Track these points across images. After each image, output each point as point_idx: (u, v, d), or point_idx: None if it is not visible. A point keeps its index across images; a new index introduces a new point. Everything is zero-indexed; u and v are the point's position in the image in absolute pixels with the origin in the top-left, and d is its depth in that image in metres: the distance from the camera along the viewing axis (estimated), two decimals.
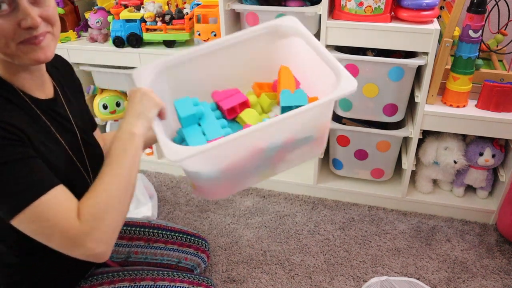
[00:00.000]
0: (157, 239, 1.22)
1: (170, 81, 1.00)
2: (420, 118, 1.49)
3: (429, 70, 1.40)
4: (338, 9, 1.44)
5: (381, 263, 1.47)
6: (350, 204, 1.75)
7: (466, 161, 1.57)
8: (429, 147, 1.59)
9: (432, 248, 1.53)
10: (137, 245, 1.19)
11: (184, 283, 1.07)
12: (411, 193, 1.71)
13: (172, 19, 1.63)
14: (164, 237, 1.23)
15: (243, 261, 1.48)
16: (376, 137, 1.61)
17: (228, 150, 0.87)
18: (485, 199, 1.67)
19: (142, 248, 1.19)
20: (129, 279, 1.02)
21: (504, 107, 1.44)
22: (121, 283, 1.01)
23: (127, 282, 1.02)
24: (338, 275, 1.43)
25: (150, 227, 1.23)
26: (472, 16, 1.36)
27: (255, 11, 1.51)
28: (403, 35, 1.37)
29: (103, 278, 1.02)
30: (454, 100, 1.48)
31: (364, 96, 1.52)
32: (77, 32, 1.85)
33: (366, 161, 1.69)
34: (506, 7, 1.51)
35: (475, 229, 1.61)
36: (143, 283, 1.02)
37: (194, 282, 1.08)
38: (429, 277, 1.41)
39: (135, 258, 1.18)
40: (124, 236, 1.19)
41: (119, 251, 1.17)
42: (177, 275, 1.08)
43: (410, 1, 1.38)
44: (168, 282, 1.05)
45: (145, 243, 1.19)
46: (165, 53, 1.65)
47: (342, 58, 1.46)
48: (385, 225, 1.64)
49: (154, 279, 1.04)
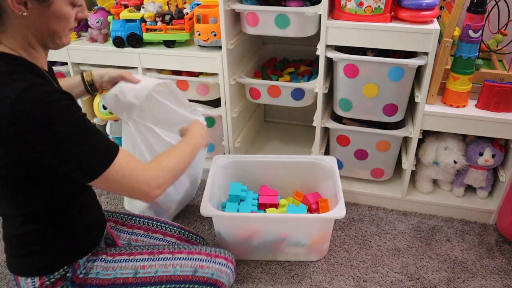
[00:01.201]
0: (156, 230, 1.26)
1: (239, 169, 1.63)
2: (420, 118, 1.49)
3: (429, 70, 1.40)
4: (338, 9, 1.44)
5: (381, 263, 1.47)
6: (350, 204, 1.75)
7: (466, 161, 1.57)
8: (429, 147, 1.59)
9: (432, 248, 1.53)
10: (137, 233, 1.22)
11: (201, 255, 1.09)
12: (411, 193, 1.71)
13: (172, 19, 1.63)
14: (163, 229, 1.27)
15: (243, 261, 1.48)
16: (376, 137, 1.61)
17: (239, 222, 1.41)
18: (485, 199, 1.67)
19: (141, 236, 1.22)
20: (148, 252, 1.06)
21: (504, 107, 1.44)
22: (140, 255, 1.05)
23: (146, 254, 1.05)
24: (338, 275, 1.43)
25: (150, 219, 1.28)
26: (472, 16, 1.36)
27: (255, 11, 1.51)
28: (403, 35, 1.37)
29: (121, 250, 1.05)
30: (454, 100, 1.48)
31: (364, 96, 1.52)
32: (77, 32, 1.85)
33: (366, 161, 1.69)
34: (506, 7, 1.51)
35: (475, 229, 1.61)
36: (162, 255, 1.06)
37: (211, 254, 1.11)
38: (429, 277, 1.41)
39: (135, 246, 1.20)
40: (126, 223, 1.23)
41: (121, 237, 1.20)
42: (193, 248, 1.11)
43: (410, 1, 1.37)
44: (185, 255, 1.08)
45: (144, 232, 1.23)
46: (165, 53, 1.65)
47: (342, 58, 1.46)
48: (385, 225, 1.64)
49: (172, 252, 1.07)
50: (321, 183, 1.60)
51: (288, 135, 2.14)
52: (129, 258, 1.03)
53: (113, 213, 1.23)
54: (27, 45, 0.86)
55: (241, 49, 1.75)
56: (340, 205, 1.34)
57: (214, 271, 1.08)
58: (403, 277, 1.41)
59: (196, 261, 1.07)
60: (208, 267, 1.07)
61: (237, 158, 1.63)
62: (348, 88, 1.53)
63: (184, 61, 1.65)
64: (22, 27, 0.83)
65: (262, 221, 1.40)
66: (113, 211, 1.25)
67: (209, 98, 1.76)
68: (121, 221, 1.23)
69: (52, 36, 0.87)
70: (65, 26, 0.87)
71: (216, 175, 1.54)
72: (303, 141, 2.02)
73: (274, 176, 1.64)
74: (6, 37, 0.84)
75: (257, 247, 1.45)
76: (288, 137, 2.12)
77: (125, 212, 1.26)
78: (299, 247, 1.44)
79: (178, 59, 1.65)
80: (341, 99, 1.58)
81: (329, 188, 1.54)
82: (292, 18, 1.48)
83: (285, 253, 1.46)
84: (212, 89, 1.72)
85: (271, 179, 1.65)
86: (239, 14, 1.58)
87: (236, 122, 1.81)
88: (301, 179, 1.64)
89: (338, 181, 1.45)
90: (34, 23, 0.83)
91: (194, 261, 1.07)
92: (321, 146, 1.72)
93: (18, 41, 0.84)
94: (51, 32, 0.86)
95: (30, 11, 0.81)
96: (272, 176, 1.64)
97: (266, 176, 1.64)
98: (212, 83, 1.69)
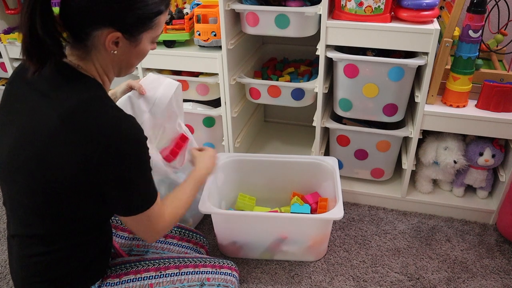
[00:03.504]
0: None
1: (239, 167, 1.64)
2: (420, 118, 1.49)
3: (429, 70, 1.40)
4: (338, 9, 1.44)
5: (381, 263, 1.47)
6: (350, 204, 1.75)
7: (466, 161, 1.57)
8: (429, 147, 1.59)
9: (432, 248, 1.53)
10: (138, 238, 1.21)
11: (207, 267, 1.10)
12: (411, 193, 1.71)
13: (172, 19, 1.63)
14: None
15: (243, 261, 1.48)
16: (376, 137, 1.61)
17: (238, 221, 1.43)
18: (485, 199, 1.67)
19: (142, 241, 1.21)
20: (154, 268, 1.05)
21: (504, 107, 1.44)
22: (147, 272, 1.04)
23: (153, 271, 1.04)
24: (338, 275, 1.43)
25: None
26: (472, 16, 1.36)
27: (255, 11, 1.51)
28: (403, 35, 1.37)
29: (127, 268, 1.04)
30: (454, 100, 1.48)
31: (364, 96, 1.52)
32: None
33: (366, 161, 1.69)
34: (506, 7, 1.51)
35: (475, 229, 1.61)
36: (168, 271, 1.05)
37: (216, 266, 1.12)
38: (429, 277, 1.41)
39: (137, 251, 1.20)
40: (126, 228, 1.22)
41: (123, 244, 1.19)
42: (198, 261, 1.11)
43: (410, 1, 1.37)
44: (192, 268, 1.08)
45: None
46: (165, 53, 1.65)
47: (342, 58, 1.47)
48: (385, 225, 1.64)
49: (178, 267, 1.07)
50: (321, 183, 1.60)
51: (288, 135, 2.14)
52: (136, 277, 1.02)
53: (112, 218, 1.21)
54: (103, 72, 0.89)
55: (241, 49, 1.75)
56: (338, 206, 1.34)
57: (220, 281, 1.10)
58: (403, 277, 1.41)
59: (202, 274, 1.08)
60: (214, 279, 1.09)
61: (237, 157, 1.63)
62: (348, 88, 1.53)
63: (184, 61, 1.64)
64: (106, 59, 0.86)
65: (260, 220, 1.40)
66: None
67: (209, 98, 1.76)
68: (121, 226, 1.22)
69: (128, 67, 0.92)
70: (141, 60, 0.92)
71: (216, 173, 1.54)
72: (303, 141, 2.02)
73: (275, 175, 1.64)
74: (85, 63, 0.86)
75: (256, 246, 1.45)
76: (288, 137, 2.12)
77: None
78: (298, 247, 1.44)
79: (178, 59, 1.65)
80: (341, 99, 1.58)
81: (329, 188, 1.54)
82: (292, 18, 1.48)
83: (284, 253, 1.46)
84: (212, 89, 1.72)
85: (271, 178, 1.65)
86: (239, 14, 1.58)
87: (236, 122, 1.81)
88: (302, 179, 1.64)
89: (338, 182, 1.45)
90: (117, 58, 0.87)
91: (201, 275, 1.08)
92: (321, 146, 1.72)
93: (96, 68, 0.87)
94: (129, 65, 0.91)
95: (119, 49, 0.84)
96: (273, 175, 1.64)
97: (267, 175, 1.64)
98: (212, 83, 1.69)
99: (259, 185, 1.66)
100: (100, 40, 0.82)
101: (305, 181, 1.64)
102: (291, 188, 1.66)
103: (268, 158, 1.63)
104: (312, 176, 1.62)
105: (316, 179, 1.62)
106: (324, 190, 1.59)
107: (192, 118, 1.79)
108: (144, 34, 0.86)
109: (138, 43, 0.86)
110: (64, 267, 0.91)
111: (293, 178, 1.64)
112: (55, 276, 0.91)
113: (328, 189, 1.56)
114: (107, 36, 0.81)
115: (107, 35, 0.81)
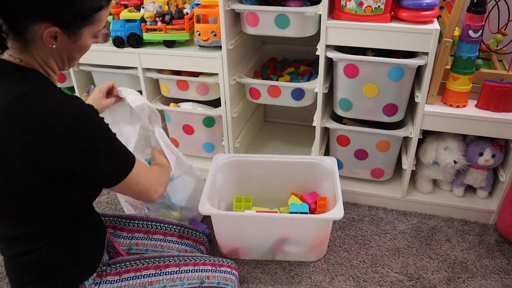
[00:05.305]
0: (156, 231, 1.25)
1: (239, 168, 1.64)
2: (420, 118, 1.49)
3: (429, 70, 1.40)
4: (338, 9, 1.44)
5: (381, 263, 1.47)
6: (350, 204, 1.75)
7: (466, 161, 1.57)
8: (429, 147, 1.59)
9: (432, 248, 1.53)
10: (137, 237, 1.22)
11: (207, 265, 1.11)
12: (411, 193, 1.71)
13: (172, 19, 1.63)
14: (162, 229, 1.27)
15: (243, 261, 1.48)
16: (376, 137, 1.61)
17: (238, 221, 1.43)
18: (485, 199, 1.67)
19: (142, 239, 1.21)
20: (154, 266, 1.05)
21: (504, 107, 1.44)
22: (147, 270, 1.04)
23: (153, 269, 1.05)
24: (338, 275, 1.43)
25: (148, 220, 1.27)
26: (472, 16, 1.36)
27: (255, 11, 1.51)
28: (403, 35, 1.37)
29: (127, 266, 1.04)
30: (454, 100, 1.48)
31: (364, 96, 1.52)
32: None
33: (366, 161, 1.69)
34: (506, 7, 1.51)
35: (475, 229, 1.61)
36: (168, 269, 1.06)
37: (216, 264, 1.13)
38: (429, 277, 1.41)
39: (137, 250, 1.20)
40: (124, 228, 1.22)
41: (122, 243, 1.19)
42: (198, 259, 1.12)
43: (410, 1, 1.37)
44: (192, 266, 1.09)
45: (144, 234, 1.23)
46: (165, 53, 1.65)
47: (342, 58, 1.46)
48: (385, 225, 1.64)
49: (178, 265, 1.08)
50: (320, 183, 1.60)
51: (288, 135, 2.14)
52: (136, 274, 1.02)
53: (110, 218, 1.22)
54: (45, 65, 0.88)
55: (241, 49, 1.75)
56: (338, 206, 1.34)
57: (220, 279, 1.10)
58: (403, 277, 1.41)
59: (202, 272, 1.08)
60: (214, 277, 1.09)
61: (237, 158, 1.63)
62: (348, 88, 1.53)
63: (184, 61, 1.65)
64: (45, 53, 0.86)
65: (260, 220, 1.40)
66: (111, 215, 1.22)
67: (209, 98, 1.76)
68: (119, 226, 1.21)
69: (70, 61, 0.92)
70: (83, 54, 0.92)
71: (215, 174, 1.54)
72: (303, 141, 2.02)
73: (274, 175, 1.64)
74: (25, 56, 0.85)
75: (256, 246, 1.45)
76: (288, 137, 2.12)
77: (123, 215, 1.25)
78: (298, 247, 1.44)
79: (178, 59, 1.65)
80: (341, 99, 1.58)
81: (328, 188, 1.54)
82: (292, 18, 1.48)
83: (284, 253, 1.46)
84: (212, 89, 1.72)
85: (270, 179, 1.65)
86: (239, 14, 1.58)
87: (236, 122, 1.81)
88: (301, 179, 1.64)
89: (337, 182, 1.45)
90: (57, 52, 0.86)
91: (200, 273, 1.08)
92: (321, 146, 1.72)
93: (37, 60, 0.86)
94: (70, 58, 0.91)
95: (58, 43, 0.84)
96: (272, 176, 1.64)
97: (266, 175, 1.64)
98: (212, 83, 1.69)
99: (258, 185, 1.66)
100: (38, 34, 0.81)
101: (304, 182, 1.64)
102: (290, 189, 1.66)
103: (267, 159, 1.63)
104: (311, 177, 1.62)
105: (315, 179, 1.62)
106: (323, 190, 1.59)
107: (192, 118, 1.79)
108: (85, 29, 0.85)
109: (78, 38, 0.85)
110: (51, 264, 0.91)
111: (292, 179, 1.64)
112: (45, 274, 0.91)
113: (327, 189, 1.56)
114: (45, 31, 0.80)
115: (44, 30, 0.80)
